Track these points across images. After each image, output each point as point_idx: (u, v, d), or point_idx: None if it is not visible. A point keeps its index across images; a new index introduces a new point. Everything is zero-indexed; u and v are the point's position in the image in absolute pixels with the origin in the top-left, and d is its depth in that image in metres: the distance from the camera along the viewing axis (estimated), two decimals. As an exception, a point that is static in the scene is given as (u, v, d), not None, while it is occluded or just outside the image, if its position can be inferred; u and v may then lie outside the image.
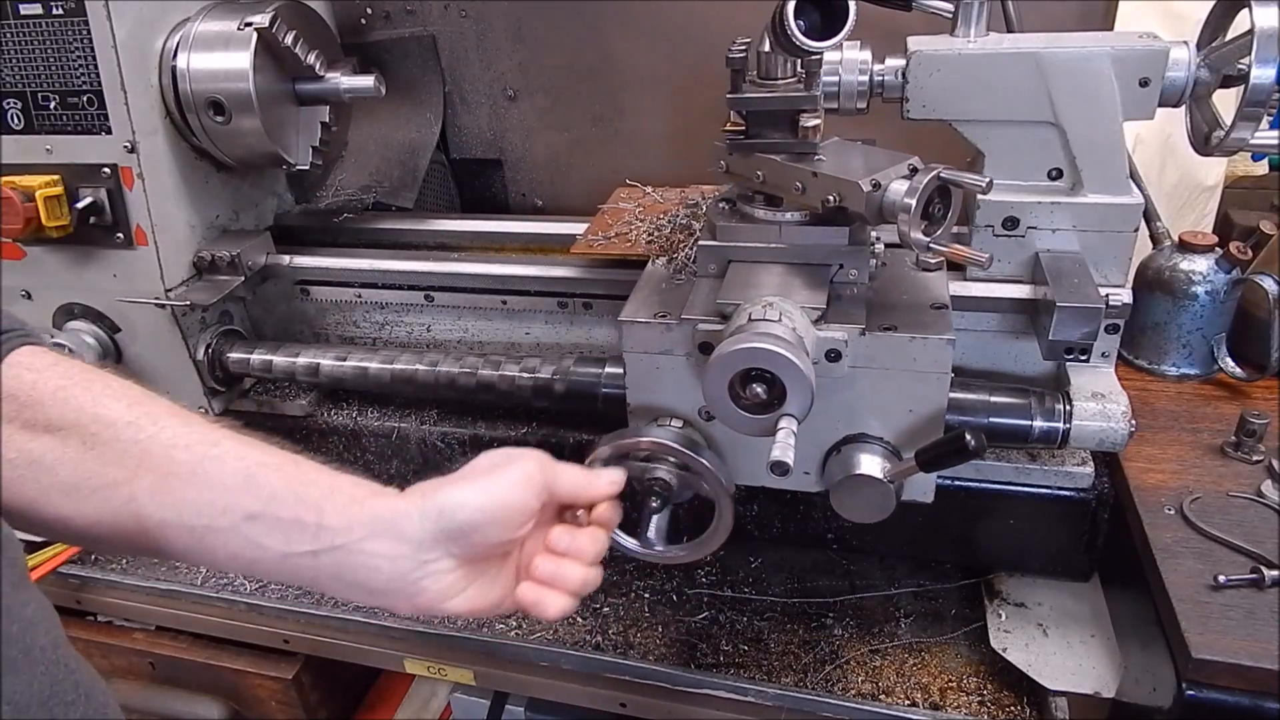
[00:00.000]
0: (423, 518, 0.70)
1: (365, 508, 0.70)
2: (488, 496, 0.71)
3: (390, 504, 0.70)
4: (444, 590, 0.72)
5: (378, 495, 0.71)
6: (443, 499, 0.70)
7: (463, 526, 0.70)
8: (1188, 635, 0.82)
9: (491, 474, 0.73)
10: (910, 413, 0.93)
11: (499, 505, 0.71)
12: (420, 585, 0.71)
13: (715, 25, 1.45)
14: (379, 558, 0.69)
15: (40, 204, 1.20)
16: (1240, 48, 0.95)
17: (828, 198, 0.88)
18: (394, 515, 0.70)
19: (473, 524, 0.70)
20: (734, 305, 0.89)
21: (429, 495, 0.71)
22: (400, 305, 1.39)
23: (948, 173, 0.83)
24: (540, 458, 0.76)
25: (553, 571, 0.76)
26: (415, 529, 0.69)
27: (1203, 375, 1.21)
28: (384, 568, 0.69)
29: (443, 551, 0.71)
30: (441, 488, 0.71)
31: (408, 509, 0.70)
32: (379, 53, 1.60)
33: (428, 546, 0.70)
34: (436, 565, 0.71)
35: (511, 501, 0.72)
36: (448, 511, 0.70)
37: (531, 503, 0.73)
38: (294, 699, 1.39)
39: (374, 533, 0.69)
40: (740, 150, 0.98)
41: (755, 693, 1.10)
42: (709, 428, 0.98)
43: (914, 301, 0.96)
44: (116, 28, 1.16)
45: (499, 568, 0.76)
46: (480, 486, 0.72)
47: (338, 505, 0.69)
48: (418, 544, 0.69)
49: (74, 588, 1.41)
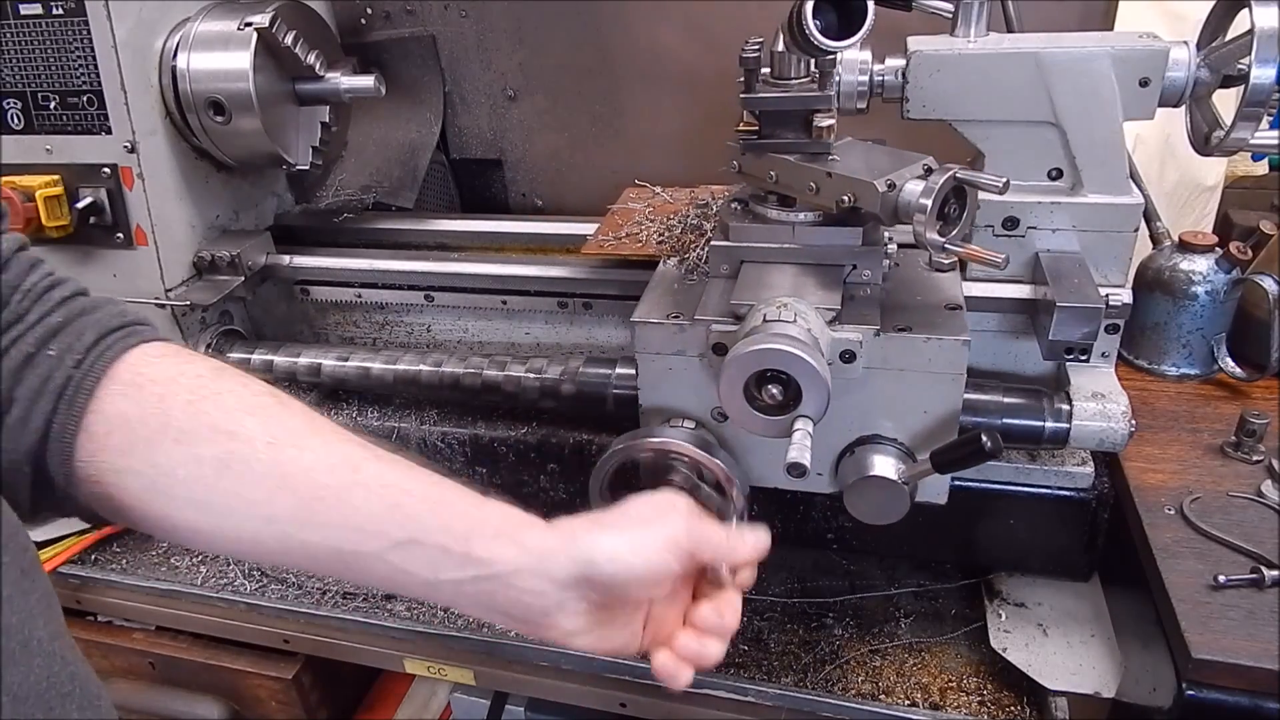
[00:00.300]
0: (571, 562, 0.69)
1: (514, 541, 0.69)
2: (638, 556, 0.70)
3: (540, 540, 0.70)
4: (573, 629, 0.72)
5: (525, 528, 0.71)
6: (593, 547, 0.70)
7: (607, 580, 0.70)
8: (1188, 635, 0.82)
9: (644, 528, 0.72)
10: (925, 414, 0.92)
11: (647, 566, 0.71)
12: (553, 620, 0.71)
13: (715, 25, 1.45)
14: (524, 591, 0.69)
15: (40, 204, 1.20)
16: (1240, 48, 0.95)
17: (842, 198, 0.88)
18: (542, 553, 0.69)
19: (617, 578, 0.70)
20: (748, 306, 0.89)
21: (580, 538, 0.70)
22: (400, 305, 1.39)
23: (964, 173, 0.83)
24: (689, 518, 0.74)
25: (696, 651, 0.76)
26: (562, 571, 0.69)
27: (1203, 375, 1.21)
28: (527, 600, 0.70)
29: (580, 594, 0.71)
30: (593, 531, 0.71)
31: (556, 549, 0.70)
32: (379, 53, 1.60)
33: (569, 587, 0.70)
34: (573, 606, 0.71)
35: (656, 565, 0.71)
36: (597, 563, 0.69)
37: (674, 567, 0.73)
38: (294, 699, 1.39)
39: (521, 569, 0.69)
40: (753, 150, 0.97)
41: (755, 693, 1.10)
42: (721, 429, 0.98)
43: (928, 302, 0.96)
44: (116, 28, 1.16)
45: (630, 614, 0.76)
46: (631, 541, 0.71)
47: (485, 537, 0.69)
48: (561, 584, 0.70)
49: (74, 588, 1.41)
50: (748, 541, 0.78)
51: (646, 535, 0.71)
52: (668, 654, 0.75)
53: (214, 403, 0.66)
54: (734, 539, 0.77)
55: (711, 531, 0.75)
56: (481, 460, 1.32)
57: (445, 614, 1.26)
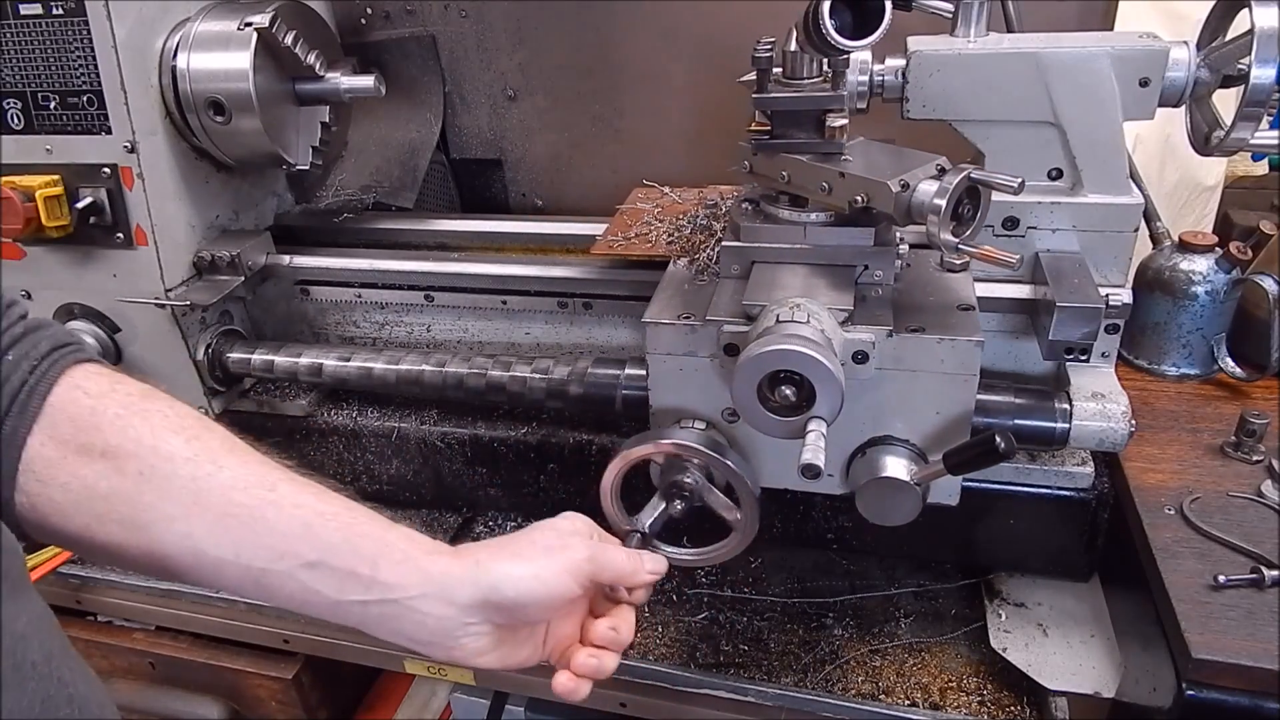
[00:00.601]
0: (474, 587, 0.73)
1: (419, 568, 0.73)
2: (539, 582, 0.75)
3: (443, 567, 0.73)
4: (478, 649, 0.76)
5: (431, 554, 0.74)
6: (497, 574, 0.74)
7: (509, 604, 0.74)
8: (1188, 635, 0.82)
9: (546, 556, 0.77)
10: (937, 414, 0.92)
11: (548, 591, 0.75)
12: (459, 642, 0.75)
13: (715, 25, 1.45)
14: (427, 616, 0.73)
15: (40, 204, 1.20)
16: (1240, 48, 0.95)
17: (855, 198, 0.88)
18: (445, 579, 0.73)
19: (519, 604, 0.74)
20: (760, 306, 0.89)
21: (483, 565, 0.74)
22: (400, 305, 1.39)
23: (978, 173, 0.83)
24: (591, 549, 0.79)
25: (595, 667, 0.80)
26: (465, 596, 0.73)
27: (1203, 375, 1.21)
28: (430, 624, 0.73)
29: (484, 618, 0.74)
30: (496, 559, 0.75)
31: (461, 575, 0.73)
32: (379, 53, 1.60)
33: (472, 611, 0.74)
34: (477, 629, 0.75)
35: (557, 590, 0.76)
36: (499, 588, 0.73)
37: (575, 591, 0.77)
38: (294, 699, 1.39)
39: (425, 594, 0.72)
40: (765, 150, 0.97)
41: (755, 693, 1.10)
42: (732, 430, 0.98)
43: (940, 303, 0.95)
44: (116, 28, 1.16)
45: (530, 632, 0.80)
46: (533, 569, 0.75)
47: (392, 561, 0.72)
48: (464, 608, 0.73)
49: (74, 588, 1.41)
50: (647, 566, 0.83)
51: (550, 563, 0.76)
52: (567, 675, 0.80)
53: (141, 419, 0.68)
54: (635, 564, 0.82)
55: (613, 557, 0.80)
56: (481, 460, 1.32)
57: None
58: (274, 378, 1.38)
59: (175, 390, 1.41)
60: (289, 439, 1.37)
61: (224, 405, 1.40)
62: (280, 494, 0.70)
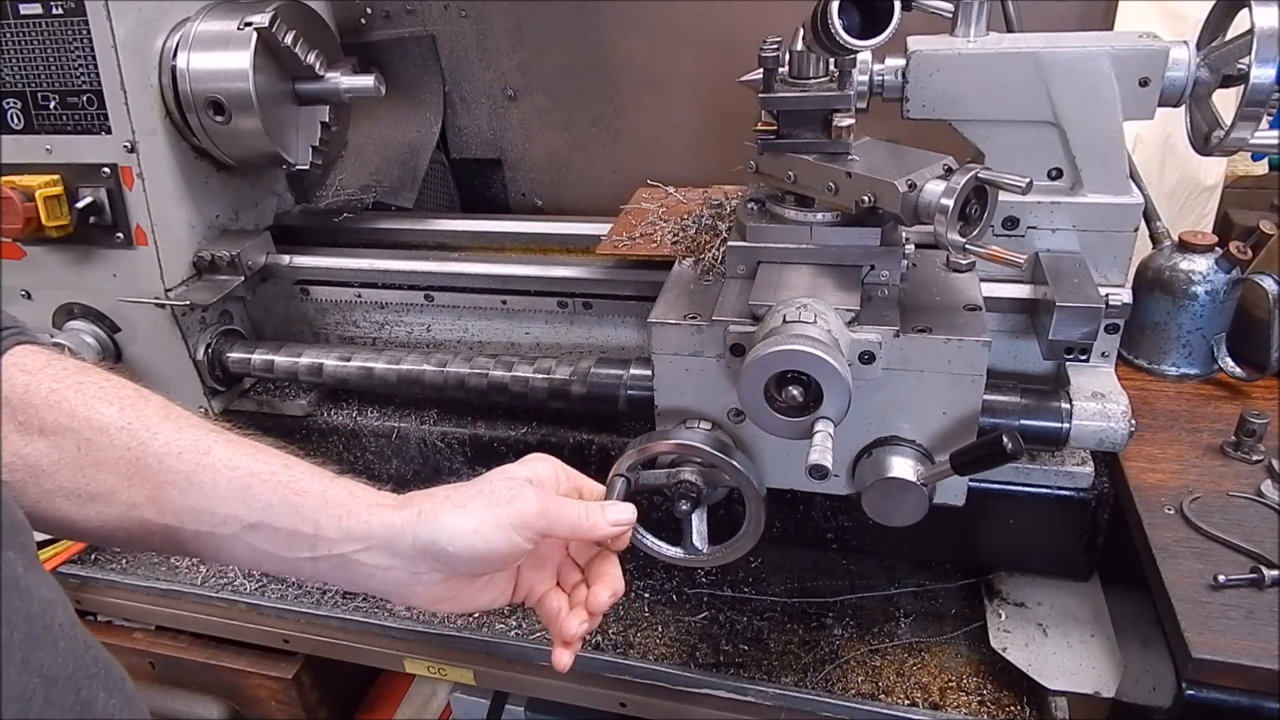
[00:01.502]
0: (415, 540, 0.71)
1: (360, 522, 0.71)
2: (479, 537, 0.72)
3: (385, 519, 0.72)
4: (434, 596, 0.75)
5: (372, 508, 0.72)
6: (437, 527, 0.71)
7: (451, 558, 0.72)
8: (1188, 635, 0.82)
9: (491, 508, 0.73)
10: (944, 415, 0.92)
11: (490, 547, 0.72)
12: (412, 590, 0.74)
13: (715, 25, 1.45)
14: (375, 568, 0.72)
15: (40, 204, 1.20)
16: (1240, 47, 0.95)
17: (862, 198, 0.87)
18: (387, 532, 0.71)
19: (460, 558, 0.72)
20: (766, 307, 0.88)
21: (425, 517, 0.72)
22: (400, 305, 1.39)
23: (985, 173, 0.83)
24: (543, 502, 0.75)
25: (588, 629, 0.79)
26: (408, 547, 0.72)
27: (1203, 375, 1.21)
28: (379, 576, 0.72)
29: (430, 568, 0.73)
30: (439, 511, 0.72)
31: (402, 528, 0.71)
32: (379, 53, 1.60)
33: (418, 561, 0.72)
34: (427, 578, 0.73)
35: (500, 546, 0.72)
36: (439, 542, 0.71)
37: (523, 546, 0.73)
38: (294, 699, 1.39)
39: (369, 547, 0.71)
40: (771, 150, 0.97)
41: (755, 693, 1.10)
42: (738, 430, 0.98)
43: (946, 303, 0.95)
44: (116, 28, 1.16)
45: (490, 579, 0.79)
46: (474, 522, 0.72)
47: (332, 518, 0.71)
48: (410, 558, 0.72)
49: (74, 588, 1.41)
50: (609, 516, 0.78)
51: (493, 516, 0.73)
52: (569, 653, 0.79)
53: (75, 391, 0.69)
54: (593, 518, 0.77)
55: (566, 511, 0.76)
56: (481, 460, 1.32)
57: (445, 614, 1.26)
58: (274, 378, 1.38)
59: (175, 390, 1.43)
60: (289, 439, 1.36)
61: (224, 405, 1.40)
62: (215, 457, 0.70)
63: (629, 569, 1.30)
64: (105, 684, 0.57)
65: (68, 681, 0.53)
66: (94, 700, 0.55)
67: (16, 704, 0.48)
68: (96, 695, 0.55)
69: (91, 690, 0.55)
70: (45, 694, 0.51)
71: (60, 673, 0.53)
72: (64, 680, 0.53)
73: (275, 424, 1.39)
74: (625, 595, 1.25)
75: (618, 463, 0.94)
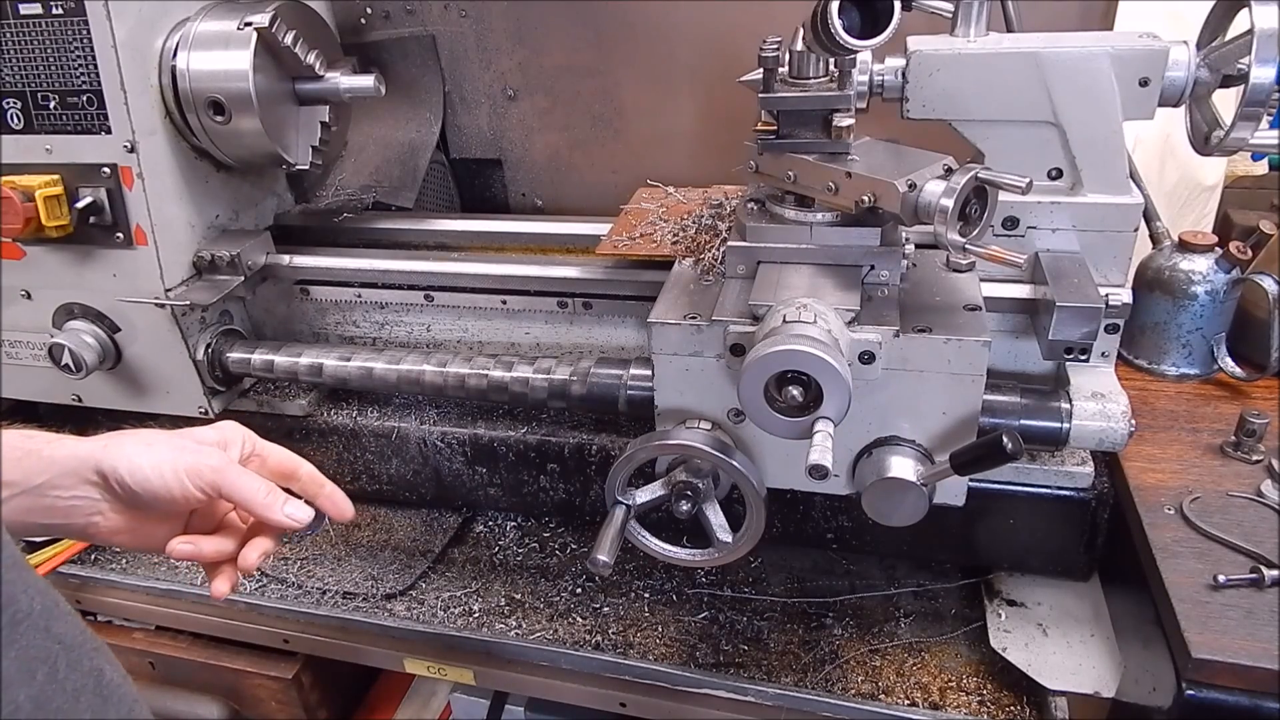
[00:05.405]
0: (97, 465, 0.79)
1: (42, 457, 0.79)
2: (155, 473, 0.80)
3: (69, 450, 0.80)
4: (112, 528, 0.82)
5: (53, 443, 0.80)
6: (117, 456, 0.80)
7: (128, 488, 0.80)
8: (1188, 635, 0.82)
9: (174, 453, 0.81)
10: (943, 415, 0.92)
11: (164, 485, 0.80)
12: (91, 520, 0.81)
13: (715, 25, 1.45)
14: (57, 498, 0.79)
15: (40, 204, 1.20)
16: (1240, 48, 0.95)
17: (862, 198, 0.87)
18: (69, 462, 0.79)
19: (135, 488, 0.80)
20: (766, 307, 0.88)
21: (109, 447, 0.80)
22: (400, 305, 1.39)
23: (985, 173, 0.83)
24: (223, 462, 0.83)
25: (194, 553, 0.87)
26: (91, 472, 0.79)
27: (1203, 375, 1.21)
28: (61, 506, 0.80)
29: (112, 498, 0.81)
30: (124, 443, 0.81)
31: (85, 456, 0.79)
32: (379, 53, 1.60)
33: (98, 489, 0.80)
34: (109, 508, 0.81)
35: (173, 487, 0.80)
36: (116, 469, 0.79)
37: (194, 494, 0.81)
38: (294, 699, 1.39)
39: (51, 479, 0.79)
40: (771, 150, 0.97)
41: (755, 693, 1.10)
42: (738, 430, 0.98)
43: (946, 303, 0.95)
44: (116, 28, 1.16)
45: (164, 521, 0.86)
46: (154, 459, 0.80)
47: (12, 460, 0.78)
48: (91, 485, 0.80)
49: (74, 588, 1.41)
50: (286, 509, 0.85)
51: (173, 459, 0.81)
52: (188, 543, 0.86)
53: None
54: (271, 498, 0.84)
55: (246, 482, 0.83)
56: (481, 460, 1.32)
57: (445, 614, 1.26)
58: (274, 378, 1.38)
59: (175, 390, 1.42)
60: (289, 439, 1.37)
61: (224, 405, 1.40)
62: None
63: (629, 569, 1.30)
64: (107, 658, 0.60)
65: (81, 650, 0.56)
66: (102, 670, 0.58)
67: (45, 666, 0.51)
68: (103, 666, 0.58)
69: (98, 662, 0.58)
70: (67, 659, 0.54)
71: (75, 642, 0.56)
72: (79, 649, 0.56)
73: (275, 424, 1.38)
74: (625, 595, 1.26)
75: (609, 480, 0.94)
